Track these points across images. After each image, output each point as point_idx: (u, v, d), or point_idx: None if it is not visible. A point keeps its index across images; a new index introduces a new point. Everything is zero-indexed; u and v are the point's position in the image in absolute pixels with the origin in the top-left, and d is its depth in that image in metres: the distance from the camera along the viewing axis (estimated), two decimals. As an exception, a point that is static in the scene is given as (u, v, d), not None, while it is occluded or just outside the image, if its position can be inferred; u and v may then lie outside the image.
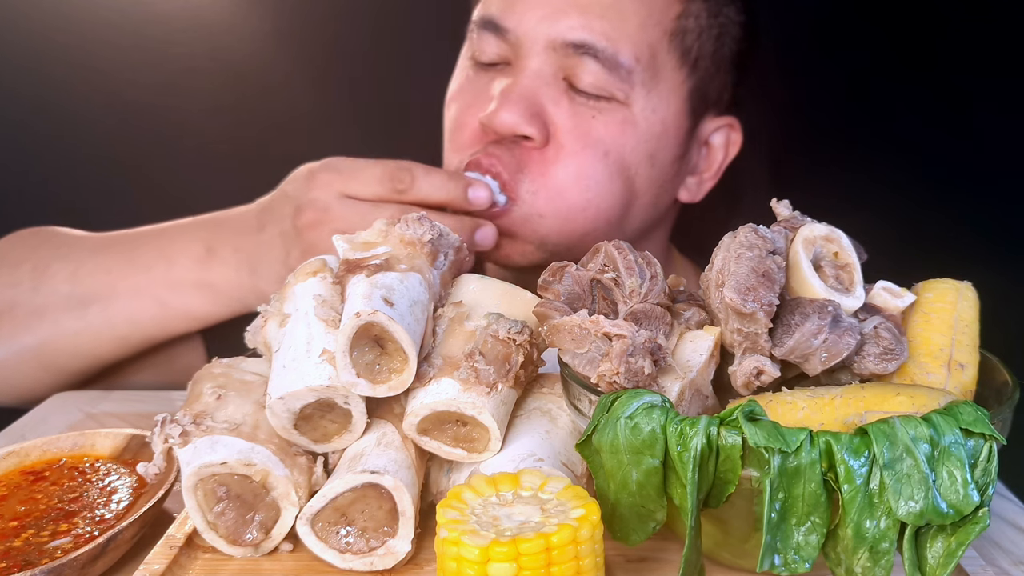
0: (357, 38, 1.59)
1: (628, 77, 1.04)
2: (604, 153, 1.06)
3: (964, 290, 0.71)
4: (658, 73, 1.07)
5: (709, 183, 1.19)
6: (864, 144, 1.42)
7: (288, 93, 1.61)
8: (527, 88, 1.04)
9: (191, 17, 1.60)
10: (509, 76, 1.07)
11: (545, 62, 1.05)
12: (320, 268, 0.76)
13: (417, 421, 0.69)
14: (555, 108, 1.05)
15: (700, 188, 1.19)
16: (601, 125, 1.05)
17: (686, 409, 0.67)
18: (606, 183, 1.07)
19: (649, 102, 1.07)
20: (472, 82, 1.12)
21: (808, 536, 0.57)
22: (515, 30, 1.05)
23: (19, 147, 1.64)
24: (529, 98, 1.04)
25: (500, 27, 1.06)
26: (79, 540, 0.70)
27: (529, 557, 0.54)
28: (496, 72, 1.10)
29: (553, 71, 1.05)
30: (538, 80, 1.05)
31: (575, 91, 1.05)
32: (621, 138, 1.06)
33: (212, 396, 0.72)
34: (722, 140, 1.18)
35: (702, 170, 1.19)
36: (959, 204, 1.37)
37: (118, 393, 1.10)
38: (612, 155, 1.06)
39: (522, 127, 1.03)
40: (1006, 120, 1.38)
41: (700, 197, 1.20)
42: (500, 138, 1.05)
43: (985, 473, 0.56)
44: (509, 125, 1.03)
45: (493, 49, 1.08)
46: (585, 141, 1.05)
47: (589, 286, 0.71)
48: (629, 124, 1.06)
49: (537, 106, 1.04)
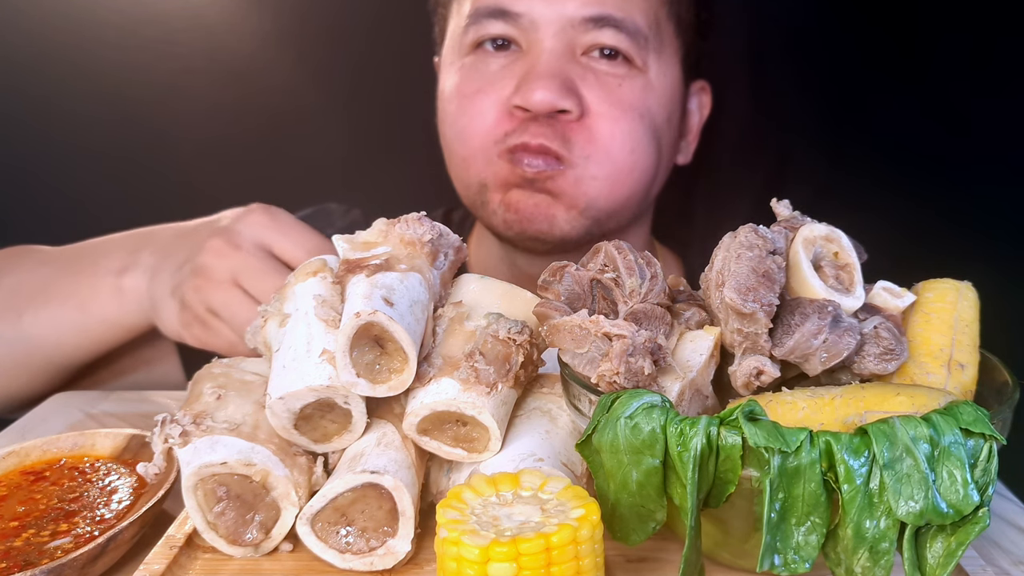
0: (358, 38, 1.59)
1: (645, 44, 1.09)
2: (640, 116, 1.11)
3: (964, 290, 0.71)
4: (663, 39, 1.12)
5: (693, 144, 1.25)
6: (864, 144, 1.42)
7: (288, 94, 1.61)
8: (552, 66, 1.07)
9: (191, 17, 1.59)
10: (523, 57, 1.09)
11: (561, 41, 1.08)
12: (320, 268, 0.76)
13: (417, 421, 0.69)
14: (582, 82, 1.09)
15: (688, 150, 1.25)
16: (628, 91, 1.10)
17: (686, 409, 0.67)
18: (647, 144, 1.12)
19: (660, 67, 1.12)
20: (480, 71, 1.13)
21: (808, 536, 0.57)
22: (528, 14, 1.08)
23: (17, 147, 1.64)
24: (558, 74, 1.07)
25: (509, 13, 1.09)
26: (79, 540, 0.70)
27: (529, 557, 0.54)
28: (504, 57, 1.11)
29: (570, 48, 1.09)
30: (561, 58, 1.08)
31: (595, 62, 1.09)
32: (647, 101, 1.11)
33: (212, 396, 0.72)
34: (697, 103, 1.24)
35: (687, 131, 1.24)
36: (959, 204, 1.37)
37: (118, 393, 1.10)
38: (646, 118, 1.11)
39: (560, 102, 1.06)
40: (1006, 120, 1.38)
41: (690, 159, 1.25)
42: (534, 116, 1.08)
43: (985, 473, 0.56)
44: (547, 102, 1.06)
45: (502, 32, 1.10)
46: (621, 107, 1.09)
47: (589, 286, 0.71)
48: (649, 89, 1.11)
49: (568, 81, 1.07)
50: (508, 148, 1.10)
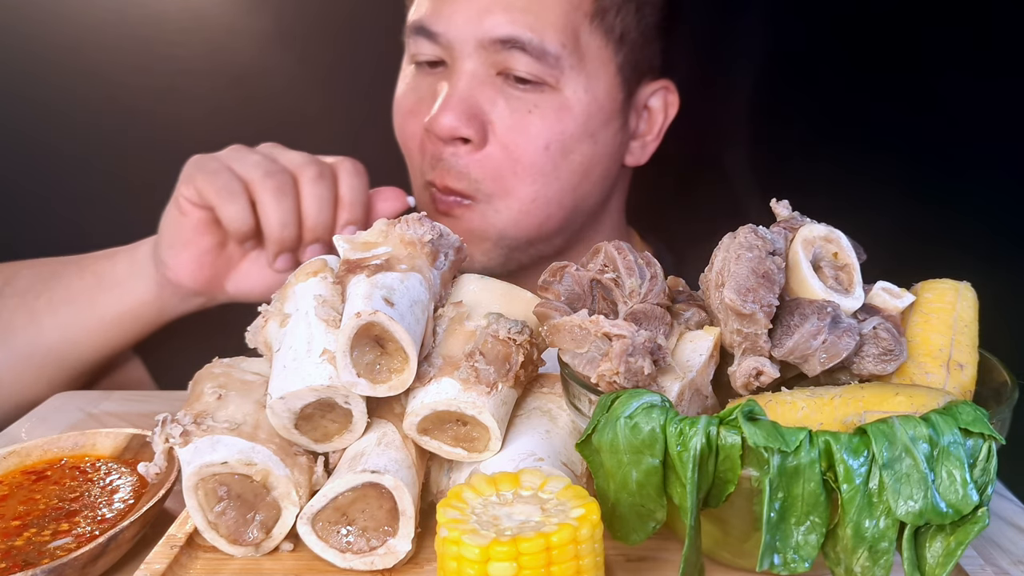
0: (359, 39, 1.59)
1: (557, 63, 1.08)
2: (545, 146, 1.10)
3: (963, 290, 0.71)
4: (584, 55, 1.11)
5: (652, 145, 1.24)
6: (863, 144, 1.42)
7: (289, 95, 1.61)
8: (463, 91, 1.08)
9: (191, 18, 1.59)
10: (446, 78, 1.11)
11: (478, 61, 1.08)
12: (320, 268, 0.76)
13: (417, 421, 0.69)
14: (491, 107, 1.09)
15: (644, 151, 1.24)
16: (538, 119, 1.10)
17: (686, 409, 0.67)
18: (551, 172, 1.12)
19: (580, 83, 1.10)
20: (415, 87, 1.16)
21: (807, 536, 0.57)
22: (445, 33, 1.09)
23: (16, 150, 1.64)
24: (466, 100, 1.08)
25: (431, 32, 1.10)
26: (80, 539, 0.70)
27: (529, 556, 0.54)
28: (437, 75, 1.13)
29: (486, 69, 1.09)
30: (474, 81, 1.09)
31: (510, 86, 1.09)
32: (559, 125, 1.10)
33: (213, 396, 0.72)
34: (660, 103, 1.22)
35: (643, 133, 1.23)
36: (958, 204, 1.37)
37: (119, 393, 1.10)
38: (553, 145, 1.11)
39: (460, 130, 1.08)
40: (1007, 119, 1.38)
41: (645, 160, 1.24)
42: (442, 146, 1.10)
43: (984, 473, 0.56)
44: (447, 129, 1.08)
45: (428, 51, 1.12)
46: (526, 137, 1.10)
47: (589, 286, 0.71)
48: (565, 109, 1.10)
49: (474, 108, 1.08)
50: (426, 180, 1.14)
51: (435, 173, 1.11)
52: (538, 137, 1.10)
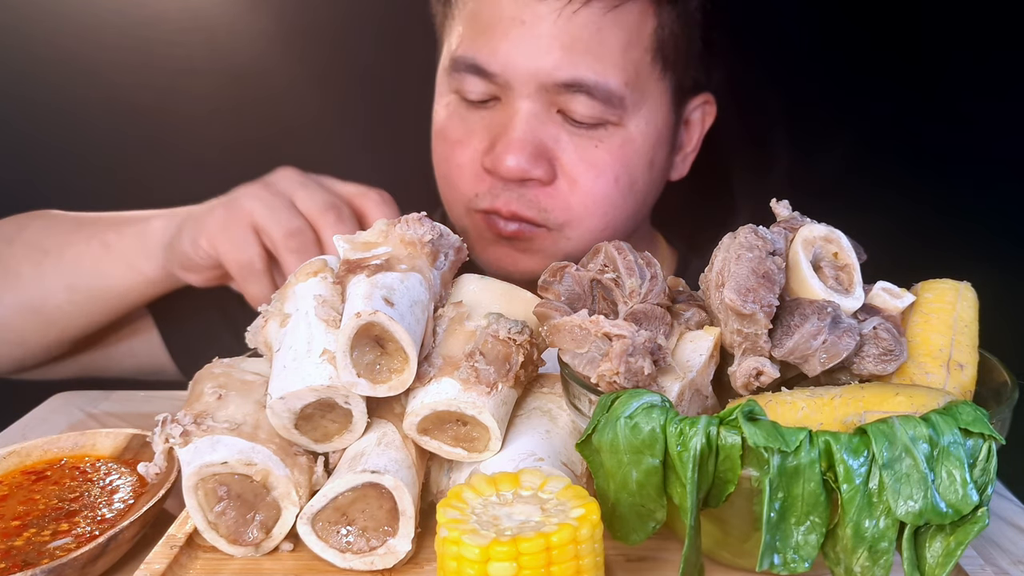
0: (360, 40, 1.59)
1: (621, 103, 1.06)
2: (615, 179, 1.09)
3: (963, 290, 0.71)
4: (645, 89, 1.09)
5: (692, 156, 1.24)
6: (863, 144, 1.42)
7: (289, 96, 1.61)
8: (526, 132, 1.06)
9: (191, 18, 1.59)
10: (500, 113, 1.08)
11: (537, 101, 1.06)
12: (321, 268, 0.76)
13: (417, 421, 0.69)
14: (556, 144, 1.07)
15: (685, 163, 1.24)
16: (605, 153, 1.08)
17: (686, 409, 0.67)
18: (620, 203, 1.11)
19: (642, 117, 1.09)
20: (462, 119, 1.12)
21: (807, 535, 0.57)
22: (502, 74, 1.05)
23: (15, 149, 1.64)
24: (531, 141, 1.05)
25: (486, 71, 1.06)
26: (80, 539, 0.70)
27: (529, 556, 0.54)
28: (486, 110, 1.10)
29: (546, 108, 1.06)
30: (534, 120, 1.06)
31: (572, 124, 1.07)
32: (624, 159, 1.09)
33: (213, 396, 0.72)
34: (699, 115, 1.22)
35: (684, 145, 1.23)
36: (959, 204, 1.37)
37: (119, 393, 1.10)
38: (622, 178, 1.10)
39: (529, 172, 1.05)
40: (1007, 119, 1.38)
41: (686, 172, 1.24)
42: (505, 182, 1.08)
43: (984, 473, 0.56)
44: (516, 171, 1.05)
45: (480, 89, 1.08)
46: (595, 171, 1.08)
47: (589, 286, 0.71)
48: (628, 143, 1.09)
49: (540, 147, 1.06)
50: (482, 209, 1.11)
51: (500, 201, 1.09)
52: (607, 171, 1.09)
